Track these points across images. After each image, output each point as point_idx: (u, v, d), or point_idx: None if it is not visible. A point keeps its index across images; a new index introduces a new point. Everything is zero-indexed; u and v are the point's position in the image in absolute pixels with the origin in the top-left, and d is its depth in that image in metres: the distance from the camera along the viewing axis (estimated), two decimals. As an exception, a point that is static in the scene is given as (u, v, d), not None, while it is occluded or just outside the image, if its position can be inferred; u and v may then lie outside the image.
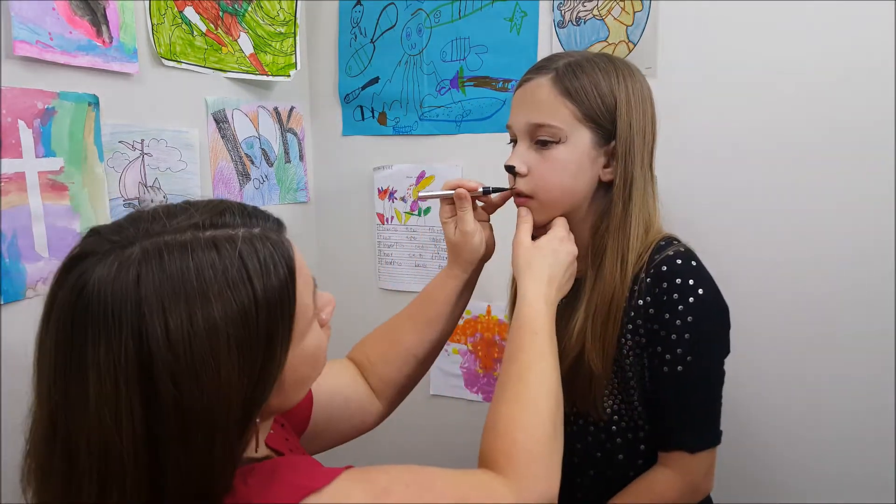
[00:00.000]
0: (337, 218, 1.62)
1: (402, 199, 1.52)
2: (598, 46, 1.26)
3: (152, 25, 1.12)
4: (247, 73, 1.34)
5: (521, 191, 0.86)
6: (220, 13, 1.27)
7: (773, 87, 1.14)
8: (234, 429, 0.51)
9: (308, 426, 0.81)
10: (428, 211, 1.50)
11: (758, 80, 1.15)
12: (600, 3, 1.25)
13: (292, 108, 1.53)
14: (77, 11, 0.98)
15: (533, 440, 0.66)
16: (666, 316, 0.82)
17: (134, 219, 0.55)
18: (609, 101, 0.83)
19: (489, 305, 1.46)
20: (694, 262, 0.84)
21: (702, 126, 1.20)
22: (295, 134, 1.54)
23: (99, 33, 1.01)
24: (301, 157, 1.56)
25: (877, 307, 1.12)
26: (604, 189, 0.87)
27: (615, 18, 1.25)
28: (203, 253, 0.51)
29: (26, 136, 0.91)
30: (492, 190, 0.89)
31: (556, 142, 0.83)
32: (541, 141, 0.84)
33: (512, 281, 0.98)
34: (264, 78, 1.39)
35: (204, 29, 1.23)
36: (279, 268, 0.54)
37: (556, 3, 1.29)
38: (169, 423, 0.48)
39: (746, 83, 1.16)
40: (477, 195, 0.89)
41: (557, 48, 1.30)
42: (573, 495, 0.94)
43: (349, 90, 1.55)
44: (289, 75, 1.44)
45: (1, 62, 0.88)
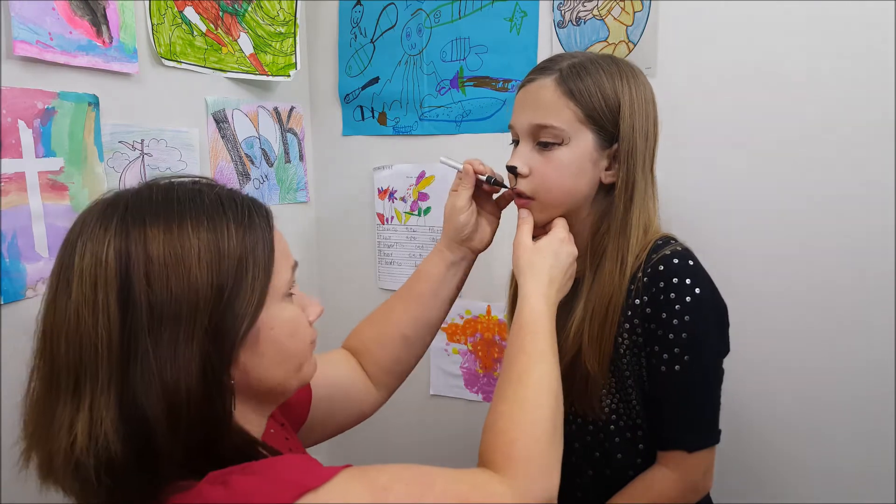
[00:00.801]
0: (337, 218, 1.62)
1: (402, 199, 1.52)
2: (597, 46, 1.26)
3: (152, 25, 1.12)
4: (247, 73, 1.34)
5: (522, 191, 0.86)
6: (220, 13, 1.27)
7: (772, 87, 1.14)
8: (202, 336, 0.55)
9: (306, 419, 0.82)
10: (428, 211, 1.50)
11: (757, 80, 1.15)
12: (600, 3, 1.25)
13: (292, 108, 1.53)
14: (77, 11, 0.98)
15: (533, 440, 0.66)
16: (663, 315, 0.82)
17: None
18: (612, 103, 0.83)
19: (489, 305, 1.46)
20: (691, 262, 0.83)
21: (701, 126, 1.20)
22: (295, 134, 1.54)
23: (99, 33, 1.01)
24: (301, 157, 1.57)
25: (876, 306, 1.12)
26: (604, 191, 0.87)
27: (615, 18, 1.25)
28: (186, 189, 0.60)
29: (26, 136, 0.91)
30: (493, 182, 0.90)
31: (559, 143, 0.83)
32: (543, 142, 0.84)
33: (512, 281, 0.98)
34: (264, 78, 1.39)
35: (204, 29, 1.23)
36: (255, 217, 0.61)
37: (556, 3, 1.29)
38: (139, 316, 0.53)
39: (746, 83, 1.16)
40: (480, 180, 0.90)
41: (557, 48, 1.30)
42: (572, 495, 0.94)
43: (349, 90, 1.55)
44: (289, 75, 1.45)
45: (1, 62, 0.89)
